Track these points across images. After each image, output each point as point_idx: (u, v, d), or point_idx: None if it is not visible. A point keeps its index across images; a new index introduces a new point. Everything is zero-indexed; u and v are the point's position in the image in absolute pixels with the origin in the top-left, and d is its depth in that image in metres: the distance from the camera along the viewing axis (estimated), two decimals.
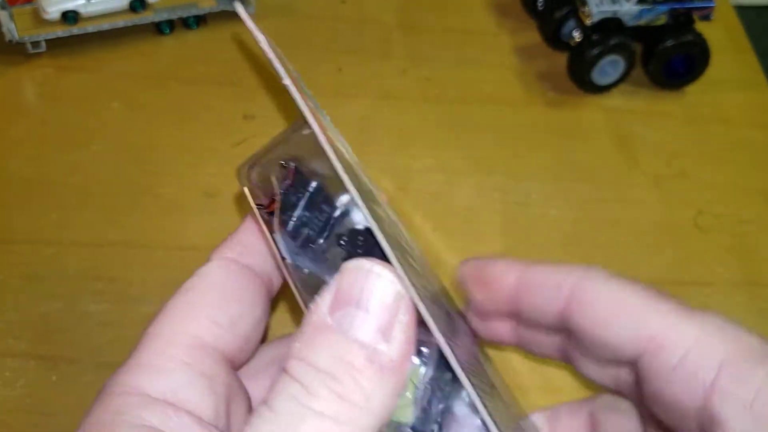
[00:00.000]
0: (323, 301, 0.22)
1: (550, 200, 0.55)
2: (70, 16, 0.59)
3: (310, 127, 0.24)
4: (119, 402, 0.23)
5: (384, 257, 0.22)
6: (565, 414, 0.32)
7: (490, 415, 0.22)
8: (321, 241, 0.26)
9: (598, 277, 0.27)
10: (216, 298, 0.26)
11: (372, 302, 0.21)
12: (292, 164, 0.27)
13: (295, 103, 0.24)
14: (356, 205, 0.24)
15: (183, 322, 0.25)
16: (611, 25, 0.59)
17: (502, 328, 0.31)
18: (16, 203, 0.51)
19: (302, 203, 0.26)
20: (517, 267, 0.29)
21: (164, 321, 0.26)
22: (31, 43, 0.59)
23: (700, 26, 0.61)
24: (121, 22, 0.61)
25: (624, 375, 0.28)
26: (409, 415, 0.22)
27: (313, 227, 0.26)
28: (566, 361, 0.30)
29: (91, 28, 0.60)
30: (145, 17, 0.61)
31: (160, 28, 0.62)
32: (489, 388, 0.26)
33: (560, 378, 0.45)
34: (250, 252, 0.28)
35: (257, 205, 0.27)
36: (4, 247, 0.49)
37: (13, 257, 0.49)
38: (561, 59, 0.62)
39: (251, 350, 0.28)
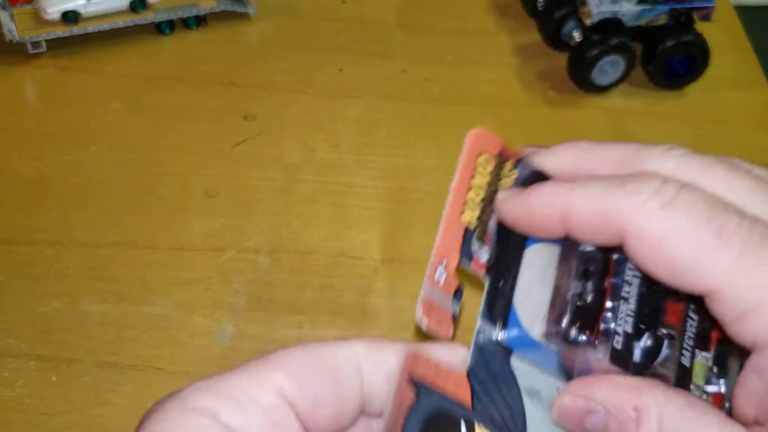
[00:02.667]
0: None
1: None
2: (70, 17, 0.59)
3: None
4: (193, 420, 0.24)
5: None
6: None
7: None
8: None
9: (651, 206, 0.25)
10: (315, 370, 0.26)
11: None
12: None
13: None
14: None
15: (275, 373, 0.26)
16: (611, 25, 0.59)
17: None
18: (17, 203, 0.51)
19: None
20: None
21: (258, 364, 0.26)
22: (32, 43, 0.59)
23: (700, 26, 0.61)
24: (121, 23, 0.61)
25: None
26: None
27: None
28: None
29: (91, 28, 0.60)
30: (146, 17, 0.61)
31: (161, 29, 0.62)
32: None
33: None
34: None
35: None
36: (4, 247, 0.49)
37: (13, 257, 0.49)
38: (561, 59, 0.62)
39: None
